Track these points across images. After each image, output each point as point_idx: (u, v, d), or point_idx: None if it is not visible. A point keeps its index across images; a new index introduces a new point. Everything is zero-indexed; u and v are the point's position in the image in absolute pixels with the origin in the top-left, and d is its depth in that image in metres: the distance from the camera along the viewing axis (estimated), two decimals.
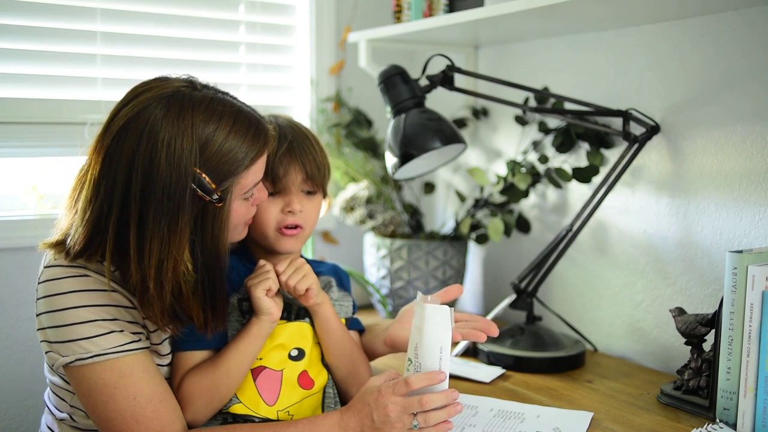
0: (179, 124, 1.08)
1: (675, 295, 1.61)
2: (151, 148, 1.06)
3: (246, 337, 1.20)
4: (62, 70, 1.80)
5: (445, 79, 1.61)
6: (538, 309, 1.71)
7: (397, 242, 1.92)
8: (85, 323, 1.08)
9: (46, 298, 1.10)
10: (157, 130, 1.07)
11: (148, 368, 1.13)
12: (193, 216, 1.09)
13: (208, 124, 1.09)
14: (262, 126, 1.16)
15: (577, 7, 1.45)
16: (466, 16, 1.61)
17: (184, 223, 1.08)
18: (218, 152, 1.09)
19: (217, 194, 1.09)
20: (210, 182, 1.09)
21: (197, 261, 1.11)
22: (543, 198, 1.92)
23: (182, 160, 1.07)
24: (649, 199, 1.65)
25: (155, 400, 1.11)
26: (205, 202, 1.09)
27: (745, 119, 1.46)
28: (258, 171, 1.17)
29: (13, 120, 1.73)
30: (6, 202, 1.79)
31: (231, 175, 1.11)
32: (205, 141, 1.08)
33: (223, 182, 1.10)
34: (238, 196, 1.15)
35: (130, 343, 1.11)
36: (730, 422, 1.24)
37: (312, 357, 1.28)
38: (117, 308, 1.12)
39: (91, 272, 1.11)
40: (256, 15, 2.06)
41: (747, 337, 1.20)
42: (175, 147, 1.07)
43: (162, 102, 1.09)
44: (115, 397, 1.10)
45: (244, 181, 1.14)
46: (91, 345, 1.08)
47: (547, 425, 1.25)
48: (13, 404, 1.73)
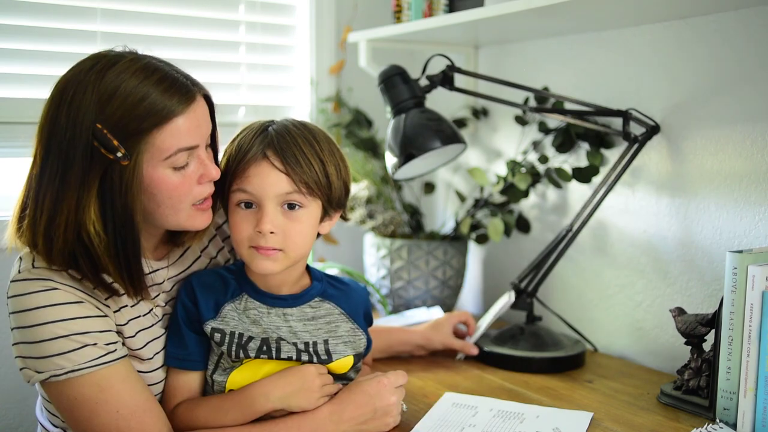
0: (86, 79, 1.04)
1: (675, 295, 1.61)
2: (56, 105, 1.05)
3: (244, 413, 1.13)
4: (62, 70, 1.78)
5: (445, 79, 1.61)
6: (538, 309, 1.71)
7: (397, 242, 1.92)
8: (57, 339, 1.05)
9: (15, 314, 1.07)
10: (65, 88, 1.05)
11: (128, 378, 1.10)
12: (99, 175, 1.03)
13: (118, 78, 1.04)
14: (182, 84, 1.08)
15: (577, 7, 1.45)
16: (466, 16, 1.61)
17: (82, 180, 1.03)
18: (122, 105, 1.03)
19: (121, 152, 1.02)
20: (112, 138, 1.02)
21: (107, 222, 1.05)
22: (543, 198, 1.92)
23: (80, 113, 1.02)
24: (649, 199, 1.65)
25: (139, 411, 1.09)
26: (110, 161, 1.03)
27: (745, 119, 1.46)
28: (179, 134, 1.07)
29: (13, 120, 1.73)
30: (6, 202, 1.79)
31: (138, 132, 1.03)
32: (110, 94, 1.03)
33: (128, 139, 1.03)
34: (158, 160, 1.06)
35: (105, 355, 1.07)
36: (730, 422, 1.24)
37: None
38: (88, 319, 1.07)
39: (57, 283, 1.06)
40: (256, 15, 2.06)
41: (747, 337, 1.20)
42: (76, 100, 1.03)
43: (86, 64, 1.07)
44: (97, 412, 1.07)
45: (160, 143, 1.05)
46: (64, 361, 1.05)
47: (547, 425, 1.25)
48: (13, 404, 1.73)
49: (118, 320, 1.13)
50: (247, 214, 1.15)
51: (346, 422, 1.15)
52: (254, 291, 1.20)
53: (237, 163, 1.15)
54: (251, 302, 1.20)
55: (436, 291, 1.93)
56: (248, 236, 1.14)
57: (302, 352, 1.17)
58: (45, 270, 1.07)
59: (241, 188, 1.14)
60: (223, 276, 1.22)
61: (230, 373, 1.17)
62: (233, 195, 1.16)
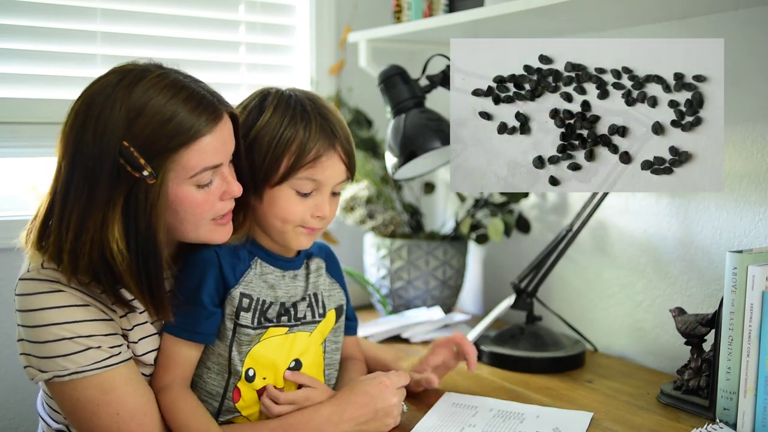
0: (114, 95, 1.03)
1: (675, 295, 1.61)
2: (82, 120, 1.04)
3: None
4: (62, 70, 1.80)
5: (445, 79, 1.61)
6: (538, 309, 1.71)
7: (397, 242, 1.92)
8: (61, 341, 1.05)
9: (22, 312, 1.08)
10: (92, 102, 1.04)
11: (131, 381, 1.10)
12: (124, 193, 1.03)
13: (145, 94, 1.03)
14: (209, 102, 1.08)
15: (577, 7, 1.45)
16: (466, 16, 1.61)
17: (108, 198, 1.02)
18: (150, 124, 1.02)
19: (147, 170, 1.02)
20: (139, 156, 1.01)
21: (131, 241, 1.04)
22: (543, 198, 1.92)
23: (108, 130, 1.01)
24: (649, 199, 1.65)
25: (139, 414, 1.10)
26: (136, 179, 1.02)
27: (745, 119, 1.46)
28: (206, 153, 1.07)
29: (13, 120, 1.73)
30: (6, 202, 1.79)
31: (165, 151, 1.03)
32: (138, 111, 1.02)
33: (155, 158, 1.02)
34: (183, 179, 1.07)
35: (108, 358, 1.08)
36: (730, 422, 1.24)
37: (311, 364, 1.25)
38: (93, 323, 1.08)
39: (64, 286, 1.07)
40: (256, 15, 2.06)
41: (747, 337, 1.20)
42: (103, 117, 1.02)
43: (113, 79, 1.06)
44: (98, 414, 1.08)
45: (186, 161, 1.05)
46: (68, 362, 1.06)
47: (547, 425, 1.25)
48: (13, 404, 1.73)
49: (123, 325, 1.13)
50: (303, 198, 1.19)
51: (347, 422, 1.15)
52: (266, 255, 1.25)
53: (306, 152, 1.17)
54: (266, 266, 1.24)
55: (436, 291, 1.93)
56: (301, 218, 1.20)
57: (309, 307, 1.25)
58: (53, 271, 1.07)
59: (310, 177, 1.18)
60: (234, 246, 1.22)
61: (249, 350, 1.19)
62: (297, 182, 1.18)
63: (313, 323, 1.26)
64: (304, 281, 1.28)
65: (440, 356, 1.38)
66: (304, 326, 1.24)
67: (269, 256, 1.25)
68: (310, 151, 1.17)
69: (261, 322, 1.20)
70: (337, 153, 1.20)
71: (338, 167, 1.20)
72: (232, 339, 1.19)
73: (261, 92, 1.24)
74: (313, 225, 1.21)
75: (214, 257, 1.19)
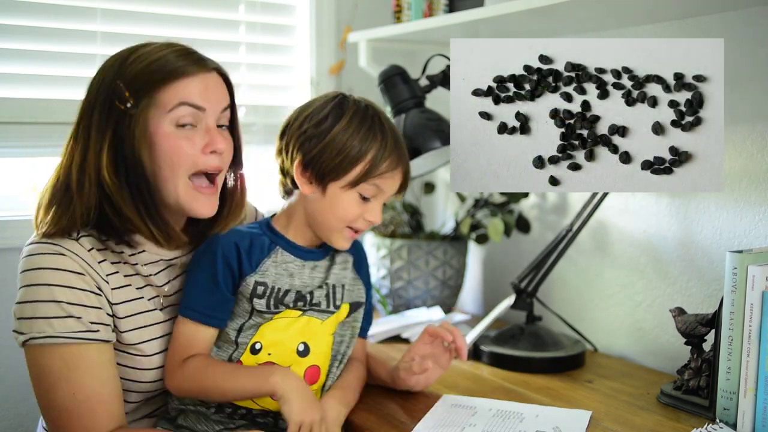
0: (118, 55, 1.17)
1: (675, 295, 1.61)
2: (94, 80, 1.18)
3: (254, 381, 1.19)
4: (62, 70, 1.80)
5: (445, 79, 1.61)
6: (538, 309, 1.71)
7: (397, 242, 1.92)
8: (47, 302, 1.10)
9: (22, 273, 1.14)
10: (102, 67, 1.18)
11: (98, 365, 1.13)
12: (113, 126, 1.13)
13: (144, 49, 1.17)
14: (199, 56, 1.20)
15: (577, 7, 1.45)
16: (466, 16, 1.61)
17: (99, 130, 1.13)
18: (140, 64, 1.14)
19: (131, 102, 1.12)
20: (125, 90, 1.13)
21: (119, 170, 1.13)
22: (543, 198, 1.92)
23: (106, 76, 1.15)
24: (649, 199, 1.65)
25: (93, 401, 1.12)
26: (122, 112, 1.13)
27: (745, 119, 1.46)
28: (185, 90, 1.15)
29: (13, 120, 1.73)
30: (6, 202, 1.79)
31: (148, 84, 1.13)
32: (133, 58, 1.15)
33: (138, 92, 1.13)
34: (162, 113, 1.14)
35: (84, 332, 1.11)
36: (730, 422, 1.24)
37: (318, 352, 1.28)
38: (82, 292, 1.12)
39: (66, 250, 1.13)
40: (256, 15, 2.06)
41: (747, 337, 1.20)
42: (104, 68, 1.17)
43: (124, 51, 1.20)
44: (56, 388, 1.11)
45: (166, 97, 1.14)
46: (46, 326, 1.10)
47: (547, 425, 1.25)
48: (13, 404, 1.73)
49: (114, 298, 1.17)
50: (363, 202, 1.26)
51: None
52: (288, 245, 1.29)
53: (379, 161, 1.24)
54: (286, 255, 1.28)
55: (436, 291, 1.93)
56: (353, 219, 1.26)
57: (327, 296, 1.29)
58: (58, 237, 1.14)
59: (376, 185, 1.26)
60: (253, 233, 1.28)
61: (259, 327, 1.24)
62: (364, 186, 1.24)
63: (327, 312, 1.29)
64: (324, 272, 1.31)
65: (427, 346, 1.37)
66: (317, 313, 1.28)
67: (291, 246, 1.29)
68: (383, 164, 1.24)
69: (277, 306, 1.24)
70: (402, 169, 1.28)
71: (398, 181, 1.29)
72: (248, 318, 1.24)
73: (335, 96, 1.30)
74: (361, 227, 1.28)
75: (232, 245, 1.24)
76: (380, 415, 1.32)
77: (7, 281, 1.72)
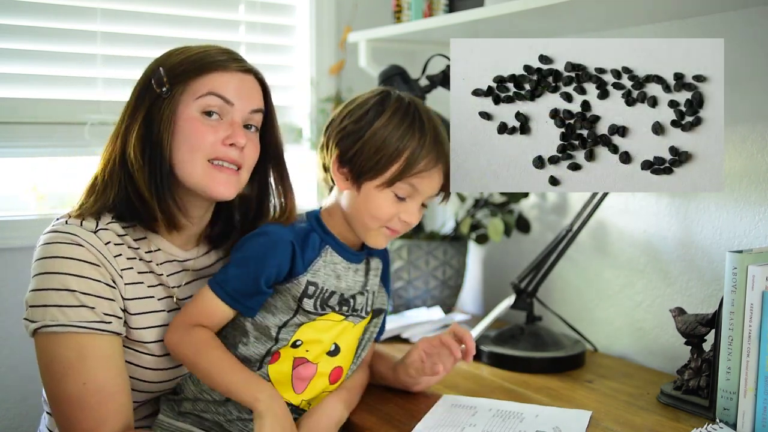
0: (170, 51, 1.24)
1: (675, 295, 1.61)
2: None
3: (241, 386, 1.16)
4: (62, 70, 1.80)
5: (445, 79, 1.61)
6: (538, 309, 1.71)
7: (397, 242, 1.92)
8: (62, 291, 1.10)
9: (37, 261, 1.14)
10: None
11: (109, 356, 1.13)
12: (147, 107, 1.18)
13: (190, 45, 1.24)
14: (240, 58, 1.25)
15: (577, 7, 1.45)
16: (466, 16, 1.61)
17: (134, 110, 1.19)
18: (183, 55, 1.20)
19: (166, 86, 1.17)
20: (164, 76, 1.18)
21: (145, 152, 1.17)
22: (543, 198, 1.92)
23: (152, 66, 1.21)
24: (649, 199, 1.65)
25: (105, 392, 1.12)
26: (157, 95, 1.17)
27: (745, 119, 1.46)
28: (217, 82, 1.19)
29: (13, 120, 1.73)
30: (6, 202, 1.79)
31: (185, 73, 1.18)
32: (178, 49, 1.23)
33: (175, 78, 1.18)
34: (191, 99, 1.18)
35: (97, 322, 1.12)
36: (730, 422, 1.24)
37: (346, 353, 1.28)
38: (96, 283, 1.13)
39: (83, 241, 1.13)
40: (256, 15, 2.06)
41: (747, 337, 1.20)
42: (153, 62, 1.23)
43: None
44: (66, 377, 1.10)
45: (198, 85, 1.18)
46: (59, 314, 1.10)
47: (547, 424, 1.25)
48: (13, 404, 1.73)
49: (126, 294, 1.17)
50: (398, 201, 1.23)
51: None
52: (337, 244, 1.27)
53: (414, 159, 1.21)
54: (335, 256, 1.26)
55: (436, 291, 1.93)
56: (387, 219, 1.23)
57: (366, 302, 1.29)
58: (76, 227, 1.15)
59: (412, 184, 1.22)
60: (307, 231, 1.26)
61: (301, 326, 1.22)
62: (399, 184, 1.21)
63: (361, 317, 1.29)
64: (364, 276, 1.31)
65: (435, 347, 1.35)
66: (355, 318, 1.28)
67: (340, 246, 1.27)
68: (419, 163, 1.21)
69: (323, 308, 1.23)
70: (440, 169, 1.25)
71: (437, 182, 1.25)
72: (293, 316, 1.22)
73: (381, 92, 1.27)
74: (397, 228, 1.25)
75: (288, 243, 1.21)
76: (380, 415, 1.32)
77: (7, 281, 1.72)
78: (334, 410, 1.24)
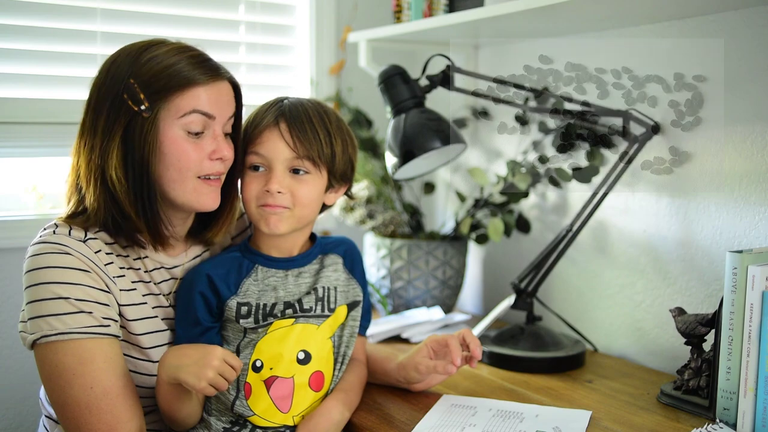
0: (131, 50, 1.17)
1: (675, 295, 1.61)
2: (102, 73, 1.17)
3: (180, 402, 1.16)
4: (62, 70, 1.80)
5: (445, 79, 1.61)
6: (538, 309, 1.71)
7: (397, 242, 1.92)
8: (56, 299, 1.10)
9: (27, 273, 1.13)
10: (112, 60, 1.17)
11: (112, 359, 1.13)
12: (123, 126, 1.13)
13: (158, 49, 1.16)
14: (212, 64, 1.20)
15: (577, 7, 1.45)
16: (466, 16, 1.61)
17: (109, 129, 1.13)
18: (155, 67, 1.14)
19: (145, 105, 1.13)
20: (140, 92, 1.13)
21: (128, 170, 1.14)
22: (543, 198, 1.92)
23: (118, 71, 1.14)
24: (649, 199, 1.65)
25: (112, 394, 1.11)
26: (134, 113, 1.13)
27: (745, 119, 1.46)
28: (198, 99, 1.16)
29: (13, 120, 1.73)
30: (6, 202, 1.79)
31: (163, 90, 1.14)
32: (146, 57, 1.15)
33: (153, 95, 1.13)
34: (174, 118, 1.15)
35: (96, 326, 1.11)
36: (730, 422, 1.24)
37: (319, 357, 1.27)
38: (90, 289, 1.12)
39: (71, 249, 1.13)
40: (256, 15, 2.06)
41: (747, 337, 1.20)
42: (116, 63, 1.16)
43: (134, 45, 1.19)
44: (72, 384, 1.09)
45: (179, 103, 1.15)
46: (57, 322, 1.09)
47: (547, 424, 1.25)
48: (13, 404, 1.73)
49: (121, 300, 1.17)
50: (257, 175, 1.25)
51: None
52: (267, 260, 1.29)
53: (253, 128, 1.26)
54: (267, 271, 1.28)
55: (436, 291, 1.93)
56: (257, 195, 1.24)
57: (319, 301, 1.28)
58: (64, 236, 1.14)
59: (254, 151, 1.25)
60: (231, 257, 1.29)
61: (256, 344, 1.24)
62: (247, 157, 1.26)
63: (321, 317, 1.28)
64: (312, 276, 1.31)
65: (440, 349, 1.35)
66: (311, 318, 1.27)
67: (269, 260, 1.29)
68: (255, 126, 1.25)
69: (265, 319, 1.24)
70: (278, 129, 1.24)
71: (281, 143, 1.24)
72: (242, 338, 1.24)
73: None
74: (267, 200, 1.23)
75: (203, 276, 1.24)
76: (380, 415, 1.32)
77: (7, 281, 1.72)
78: (333, 411, 1.24)
